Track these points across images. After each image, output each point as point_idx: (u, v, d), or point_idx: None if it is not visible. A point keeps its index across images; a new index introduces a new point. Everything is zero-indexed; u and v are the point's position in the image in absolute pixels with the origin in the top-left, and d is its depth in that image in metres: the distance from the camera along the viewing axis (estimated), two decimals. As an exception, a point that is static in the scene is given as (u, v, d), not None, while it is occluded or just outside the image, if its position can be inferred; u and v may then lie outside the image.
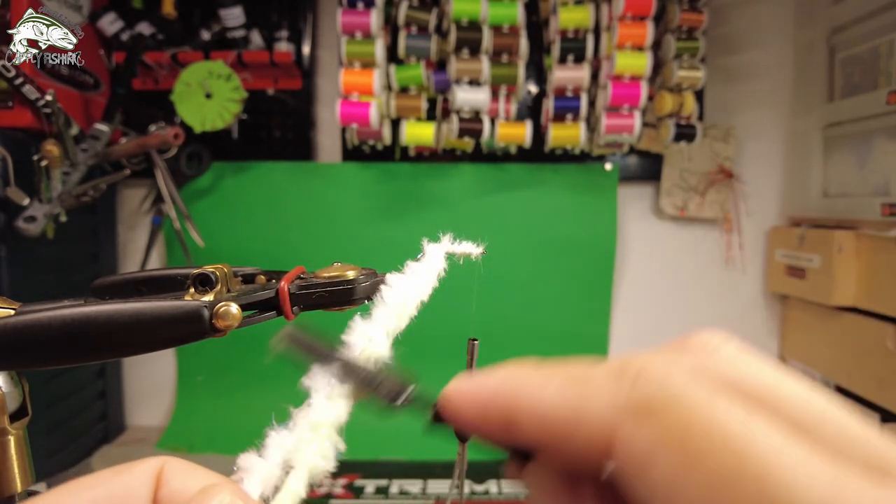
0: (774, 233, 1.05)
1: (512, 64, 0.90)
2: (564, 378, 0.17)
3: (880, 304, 0.83)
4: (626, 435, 0.15)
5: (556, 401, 0.16)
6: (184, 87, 0.91)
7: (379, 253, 1.02)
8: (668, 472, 0.14)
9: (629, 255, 1.07)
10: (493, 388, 0.18)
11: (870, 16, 0.87)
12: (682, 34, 0.90)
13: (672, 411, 0.14)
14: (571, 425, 0.16)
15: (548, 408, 0.16)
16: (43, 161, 0.77)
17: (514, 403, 0.17)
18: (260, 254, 1.03)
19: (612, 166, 1.03)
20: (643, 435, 0.14)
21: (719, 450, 0.13)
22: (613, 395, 0.15)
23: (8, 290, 0.76)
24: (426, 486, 0.85)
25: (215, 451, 0.95)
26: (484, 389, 0.18)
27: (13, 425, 0.29)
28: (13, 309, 0.26)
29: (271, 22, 1.00)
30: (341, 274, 0.28)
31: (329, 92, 1.04)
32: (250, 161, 1.03)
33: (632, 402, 0.15)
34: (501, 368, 0.18)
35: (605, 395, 0.15)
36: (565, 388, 0.16)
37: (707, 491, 0.13)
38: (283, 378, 0.91)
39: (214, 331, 0.26)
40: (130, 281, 0.32)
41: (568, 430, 0.16)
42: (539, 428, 0.17)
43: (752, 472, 0.13)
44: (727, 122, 1.04)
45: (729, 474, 0.13)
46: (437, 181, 1.03)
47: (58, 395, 0.87)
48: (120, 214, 1.06)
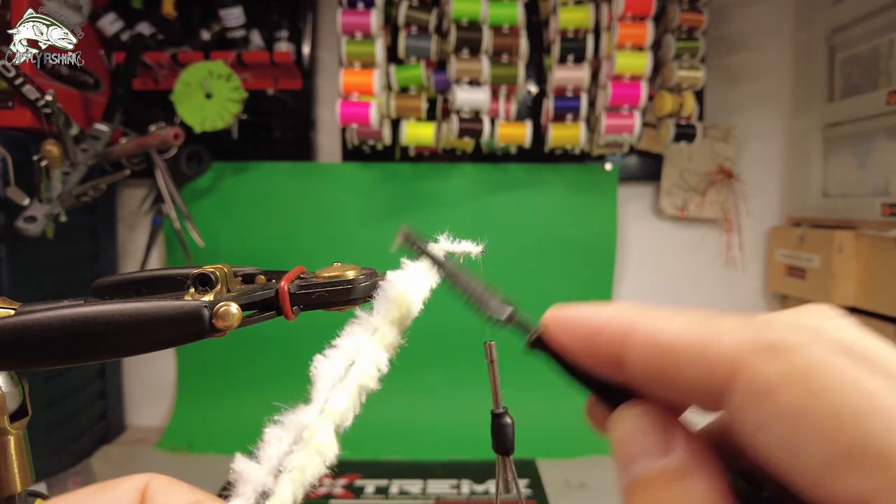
0: (774, 233, 1.05)
1: (512, 64, 0.90)
2: (691, 316, 0.18)
3: (880, 304, 0.83)
4: (753, 367, 0.16)
5: (683, 332, 0.17)
6: (184, 87, 0.91)
7: (379, 253, 1.02)
8: (790, 403, 0.15)
9: (629, 255, 1.07)
10: (605, 317, 0.19)
11: (870, 16, 0.87)
12: (682, 34, 0.90)
13: (798, 354, 0.15)
14: (696, 356, 0.17)
15: (672, 338, 0.17)
16: (43, 161, 0.77)
17: (630, 333, 0.18)
18: (260, 254, 1.03)
19: (612, 166, 1.03)
20: (771, 368, 0.15)
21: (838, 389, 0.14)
22: (742, 334, 0.16)
23: (8, 290, 0.76)
24: (426, 486, 0.85)
25: (215, 451, 0.95)
26: (595, 318, 0.19)
27: (13, 425, 0.29)
28: (13, 309, 0.26)
29: (271, 22, 1.00)
30: (341, 274, 0.28)
31: (329, 92, 1.04)
32: (250, 161, 1.03)
33: (762, 341, 0.16)
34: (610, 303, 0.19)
35: (735, 332, 0.16)
36: (693, 323, 0.17)
37: (825, 419, 0.14)
38: (283, 378, 0.91)
39: (214, 331, 0.26)
40: (130, 281, 0.32)
41: (691, 360, 0.17)
42: (655, 358, 0.17)
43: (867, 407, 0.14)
44: (727, 122, 1.05)
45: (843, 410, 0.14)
46: (437, 181, 1.03)
47: (58, 395, 0.87)
48: (120, 214, 1.06)
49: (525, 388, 1.03)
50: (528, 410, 1.01)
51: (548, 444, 0.95)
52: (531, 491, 0.84)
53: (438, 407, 1.02)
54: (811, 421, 0.14)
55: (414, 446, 0.93)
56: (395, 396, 0.87)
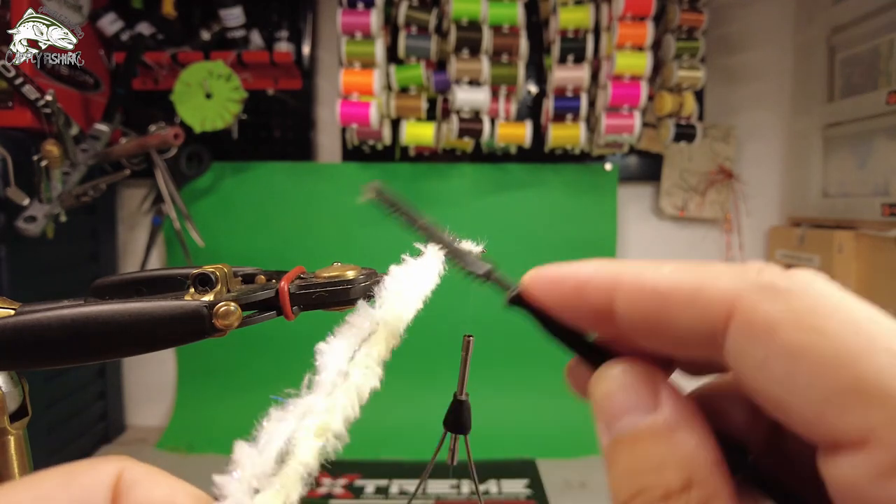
0: (774, 233, 1.05)
1: (512, 64, 0.90)
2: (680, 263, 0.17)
3: (880, 304, 0.82)
4: (754, 304, 0.15)
5: (673, 277, 0.17)
6: (184, 87, 0.91)
7: (379, 253, 1.02)
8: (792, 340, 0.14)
9: (629, 255, 1.07)
10: (591, 269, 0.19)
11: (870, 16, 0.87)
12: (682, 34, 0.90)
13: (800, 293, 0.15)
14: (690, 298, 0.16)
15: (665, 282, 0.17)
16: (43, 161, 0.77)
17: (620, 282, 0.18)
18: (260, 254, 1.03)
19: (612, 166, 1.03)
20: (772, 307, 0.15)
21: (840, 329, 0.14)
22: (737, 277, 0.16)
23: (8, 290, 0.76)
24: (426, 485, 0.85)
25: (215, 451, 0.95)
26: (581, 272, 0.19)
27: (13, 425, 0.29)
28: (13, 309, 0.26)
29: (271, 22, 1.00)
30: (341, 274, 0.28)
31: (329, 92, 1.04)
32: (250, 161, 1.03)
33: (760, 282, 0.16)
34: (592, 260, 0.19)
35: (729, 276, 0.16)
36: (683, 269, 0.17)
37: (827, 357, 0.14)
38: (283, 378, 0.91)
39: (214, 331, 0.26)
40: (130, 281, 0.32)
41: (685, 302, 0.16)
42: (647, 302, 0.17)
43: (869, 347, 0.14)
44: (727, 122, 1.05)
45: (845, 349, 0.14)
46: (437, 181, 1.03)
47: (58, 395, 0.87)
48: (120, 214, 1.06)
49: (525, 388, 1.03)
50: (528, 410, 1.01)
51: (548, 444, 0.95)
52: (531, 491, 0.84)
53: (439, 407, 1.01)
54: (813, 358, 0.14)
55: (414, 446, 0.93)
56: (395, 396, 0.87)
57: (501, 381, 1.00)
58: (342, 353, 0.22)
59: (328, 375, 0.21)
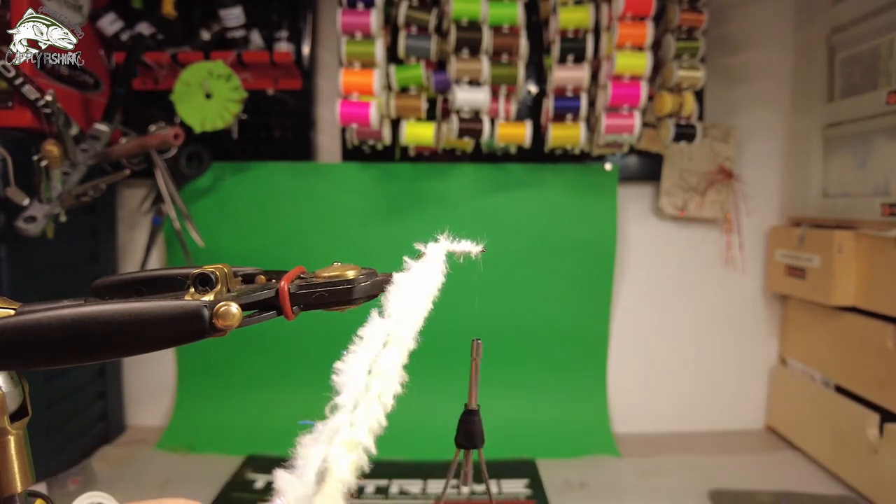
0: (774, 233, 1.05)
1: (512, 64, 0.90)
2: None
3: (880, 304, 0.83)
4: None
5: None
6: (184, 87, 0.91)
7: (379, 253, 1.02)
8: None
9: (629, 255, 1.07)
10: None
11: (870, 16, 0.87)
12: (682, 34, 0.90)
13: None
14: None
15: None
16: (43, 161, 0.77)
17: None
18: (260, 254, 1.03)
19: (612, 166, 1.03)
20: None
21: None
22: None
23: (8, 290, 0.76)
24: (426, 486, 0.85)
25: (215, 451, 0.95)
26: None
27: (13, 425, 0.29)
28: (13, 309, 0.26)
29: (271, 22, 1.00)
30: (341, 274, 0.28)
31: (329, 92, 1.04)
32: (250, 161, 1.03)
33: None
34: None
35: None
36: None
37: None
38: (283, 378, 0.91)
39: (214, 331, 0.26)
40: (130, 281, 0.32)
41: None
42: None
43: None
44: (727, 122, 1.05)
45: None
46: (437, 181, 1.03)
47: (58, 395, 0.87)
48: (120, 214, 1.06)
49: (525, 388, 1.03)
50: (528, 410, 1.01)
51: (548, 444, 0.95)
52: (531, 491, 0.84)
53: (439, 407, 1.01)
54: None
55: (414, 446, 0.93)
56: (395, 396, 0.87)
57: (501, 381, 1.00)
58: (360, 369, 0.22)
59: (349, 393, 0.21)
